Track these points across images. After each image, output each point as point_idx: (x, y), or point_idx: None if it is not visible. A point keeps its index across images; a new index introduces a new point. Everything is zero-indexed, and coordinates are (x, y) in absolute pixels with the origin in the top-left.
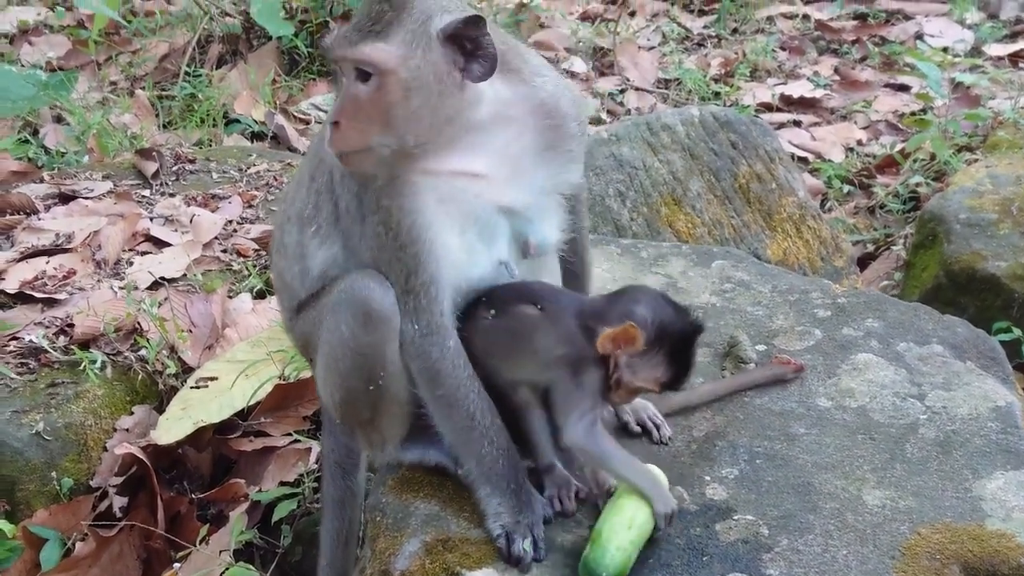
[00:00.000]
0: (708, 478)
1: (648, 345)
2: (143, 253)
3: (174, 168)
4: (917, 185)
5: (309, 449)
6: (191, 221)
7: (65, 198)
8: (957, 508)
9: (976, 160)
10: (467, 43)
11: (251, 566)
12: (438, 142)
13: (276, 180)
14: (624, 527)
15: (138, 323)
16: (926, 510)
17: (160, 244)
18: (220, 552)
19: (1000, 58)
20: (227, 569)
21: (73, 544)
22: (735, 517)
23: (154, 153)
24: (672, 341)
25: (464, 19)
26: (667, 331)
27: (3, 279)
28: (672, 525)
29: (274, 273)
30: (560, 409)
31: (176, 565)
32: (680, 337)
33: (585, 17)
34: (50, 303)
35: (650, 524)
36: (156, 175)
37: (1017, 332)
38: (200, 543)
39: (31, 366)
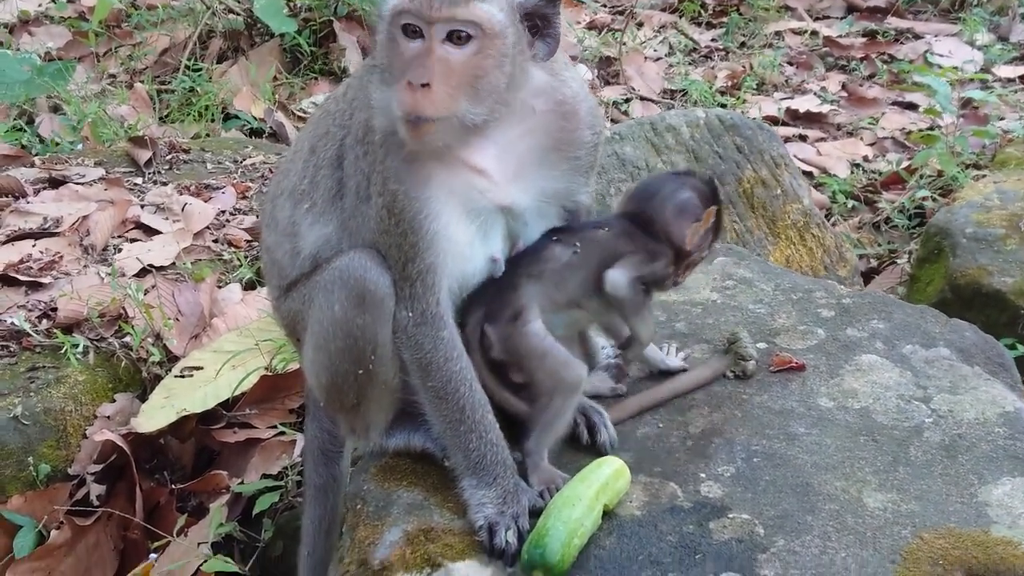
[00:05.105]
0: (703, 475)
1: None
2: (132, 240)
3: (168, 157)
4: (923, 199)
5: (294, 442)
6: (183, 210)
7: (55, 183)
8: (962, 513)
9: (984, 176)
10: (539, 21)
11: (230, 559)
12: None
13: (272, 172)
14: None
15: (123, 309)
16: (929, 514)
17: (150, 232)
18: (199, 544)
19: (1010, 80)
20: (205, 561)
21: (48, 532)
22: (730, 515)
23: (148, 141)
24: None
25: None
26: (715, 199)
27: None
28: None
29: (263, 248)
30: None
31: (153, 556)
32: (717, 199)
33: (592, 26)
34: (34, 286)
35: (597, 502)
36: (149, 163)
37: (1022, 349)
38: (178, 534)
39: (11, 349)
